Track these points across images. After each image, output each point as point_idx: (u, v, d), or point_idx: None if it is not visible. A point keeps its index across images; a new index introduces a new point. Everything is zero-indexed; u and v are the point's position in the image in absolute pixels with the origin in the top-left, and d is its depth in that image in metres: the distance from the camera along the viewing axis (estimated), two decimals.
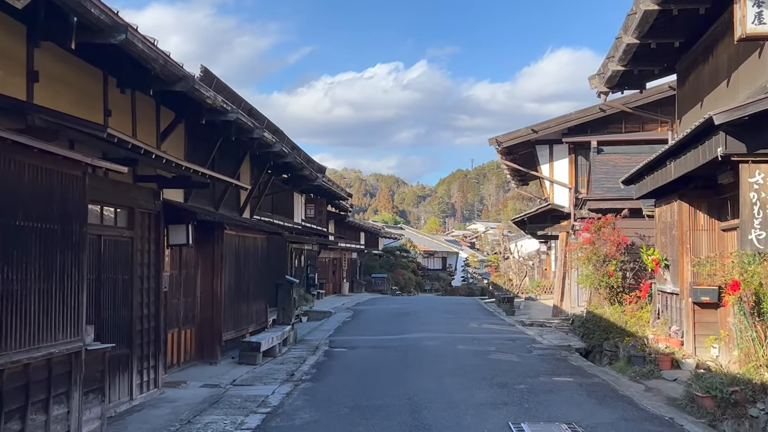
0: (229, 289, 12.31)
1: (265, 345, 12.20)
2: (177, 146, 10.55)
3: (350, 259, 41.66)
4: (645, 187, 11.36)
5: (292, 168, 13.70)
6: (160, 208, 9.45)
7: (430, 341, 14.88)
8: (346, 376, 10.79)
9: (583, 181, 21.36)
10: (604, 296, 13.46)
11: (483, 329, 17.87)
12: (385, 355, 13.06)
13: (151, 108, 9.50)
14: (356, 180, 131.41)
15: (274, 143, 11.18)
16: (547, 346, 14.20)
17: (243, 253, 13.23)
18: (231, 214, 13.25)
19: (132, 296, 8.64)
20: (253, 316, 13.77)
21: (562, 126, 21.11)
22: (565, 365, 11.62)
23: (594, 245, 13.52)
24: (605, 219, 13.60)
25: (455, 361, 12.03)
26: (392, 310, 25.63)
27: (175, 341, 10.90)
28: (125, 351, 8.47)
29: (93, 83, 7.86)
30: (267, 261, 14.72)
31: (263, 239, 14.57)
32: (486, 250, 76.35)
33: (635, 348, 10.93)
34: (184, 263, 11.20)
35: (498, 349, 13.48)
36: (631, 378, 10.32)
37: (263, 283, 14.52)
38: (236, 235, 12.80)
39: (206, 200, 12.26)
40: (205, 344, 11.80)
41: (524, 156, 23.52)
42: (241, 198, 14.16)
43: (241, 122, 9.34)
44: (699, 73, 11.06)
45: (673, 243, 11.12)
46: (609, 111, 20.60)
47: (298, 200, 25.14)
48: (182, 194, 11.05)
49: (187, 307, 11.36)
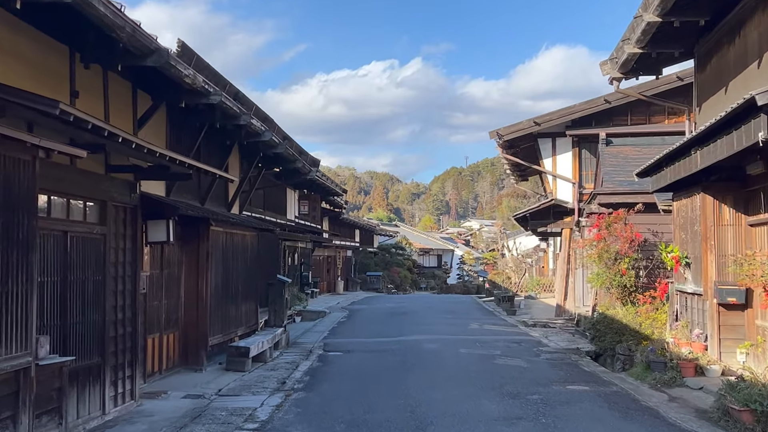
0: (215, 290, 11.45)
1: (255, 350, 11.34)
2: (157, 135, 9.68)
3: (345, 257, 40.81)
4: (663, 179, 10.53)
5: (283, 160, 12.81)
6: (137, 201, 8.57)
7: (431, 344, 14.05)
8: (341, 385, 9.94)
9: (588, 175, 20.60)
10: (616, 296, 12.64)
11: (485, 330, 17.04)
12: (383, 359, 12.21)
13: (127, 91, 8.62)
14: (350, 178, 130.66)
15: (263, 132, 10.31)
16: (555, 349, 13.37)
17: (231, 251, 12.36)
18: (218, 210, 12.38)
19: (104, 299, 7.76)
20: (242, 319, 12.91)
21: (566, 118, 20.32)
22: (577, 371, 10.79)
23: (605, 242, 12.70)
24: (617, 214, 12.77)
25: (459, 367, 11.19)
26: (389, 309, 24.78)
27: (156, 347, 10.02)
28: (96, 360, 7.60)
29: (57, 60, 6.98)
30: (257, 259, 13.86)
31: (253, 236, 13.70)
32: (481, 247, 75.77)
33: (654, 353, 10.11)
34: (166, 262, 10.32)
35: (503, 353, 12.65)
36: (652, 386, 9.50)
37: (253, 283, 13.65)
38: (223, 232, 11.93)
39: (191, 194, 11.39)
40: (190, 349, 10.93)
41: (525, 150, 22.72)
42: (229, 192, 13.28)
43: (225, 107, 8.48)
44: (723, 55, 10.23)
45: (695, 239, 10.30)
46: (614, 102, 19.81)
47: (291, 196, 24.28)
48: (164, 187, 10.19)
49: (169, 310, 10.49)
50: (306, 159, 13.77)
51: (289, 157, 12.46)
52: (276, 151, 11.47)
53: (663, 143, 15.37)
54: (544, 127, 20.34)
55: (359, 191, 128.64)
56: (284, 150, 11.54)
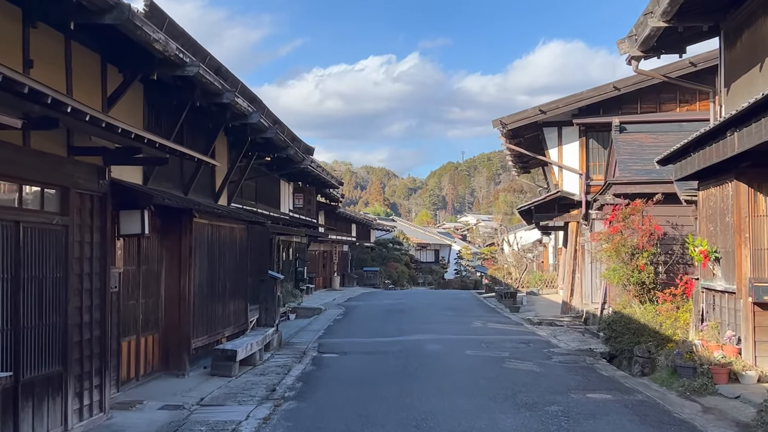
0: (200, 288, 10.50)
1: (243, 352, 10.39)
2: (133, 116, 8.70)
3: (341, 251, 39.87)
4: (690, 165, 9.59)
5: (274, 147, 11.84)
6: (107, 189, 7.60)
7: (433, 345, 13.11)
8: (337, 393, 8.99)
9: (595, 166, 19.69)
10: (634, 294, 11.72)
11: (489, 329, 16.12)
12: (382, 362, 11.27)
13: (95, 64, 7.63)
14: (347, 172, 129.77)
15: (251, 113, 9.33)
16: (567, 350, 12.46)
17: (218, 246, 11.40)
18: (204, 201, 11.42)
19: (67, 299, 6.80)
20: (230, 318, 11.95)
21: (573, 106, 19.38)
22: (595, 376, 9.87)
23: (621, 235, 11.76)
24: (634, 205, 11.84)
25: (466, 372, 10.26)
26: (387, 306, 23.86)
27: (132, 351, 9.07)
28: (57, 369, 6.65)
29: (6, 24, 6.01)
30: (247, 254, 12.89)
31: (242, 229, 12.73)
32: (478, 242, 75.11)
33: (681, 357, 9.20)
34: (144, 257, 9.36)
35: (512, 355, 11.72)
36: (681, 394, 8.59)
37: (242, 280, 12.70)
38: (209, 225, 10.97)
39: (172, 183, 10.42)
40: (171, 353, 9.98)
41: (530, 140, 21.79)
42: (216, 182, 12.31)
43: (205, 81, 7.51)
44: (757, 29, 9.28)
45: (726, 232, 9.37)
46: (624, 89, 18.90)
47: (285, 189, 23.32)
48: (141, 175, 9.22)
49: (148, 310, 9.53)
50: (299, 146, 12.79)
51: (279, 143, 11.47)
52: (265, 135, 10.49)
53: (680, 130, 14.45)
54: (549, 115, 19.40)
55: (355, 186, 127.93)
56: (274, 135, 10.55)
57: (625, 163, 13.07)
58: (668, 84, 19.08)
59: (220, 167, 12.41)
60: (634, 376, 10.33)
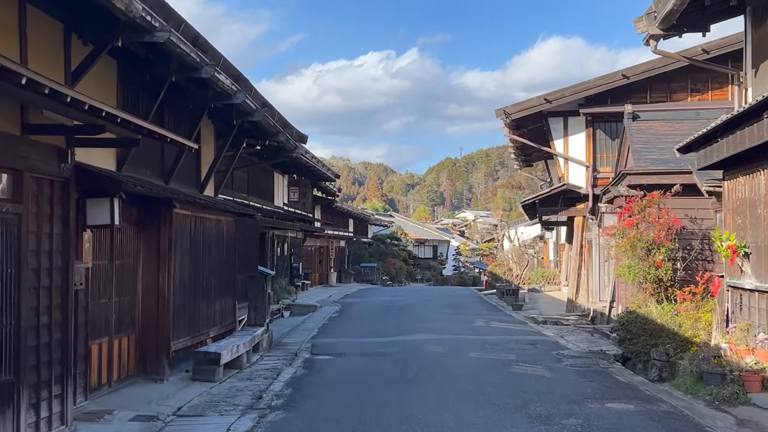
0: (181, 285, 9.66)
1: (227, 355, 9.55)
2: (104, 93, 7.84)
3: (338, 247, 39.02)
4: (717, 152, 8.76)
5: (263, 132, 10.97)
6: (70, 173, 6.76)
7: (434, 346, 12.28)
8: (330, 401, 8.16)
9: (602, 158, 18.90)
10: (650, 292, 10.90)
11: (492, 329, 15.29)
12: (379, 366, 10.44)
13: (57, 33, 6.77)
14: (345, 168, 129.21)
15: (235, 92, 8.47)
16: (577, 352, 11.64)
17: (202, 239, 10.56)
18: (187, 190, 10.56)
19: (20, 298, 5.96)
20: (215, 317, 11.12)
21: (579, 95, 18.57)
22: (612, 383, 9.04)
23: (637, 229, 10.93)
24: (651, 197, 11.01)
25: (470, 377, 9.42)
26: (384, 303, 23.04)
27: (104, 354, 8.23)
28: (7, 378, 5.81)
29: None
30: (235, 249, 12.05)
31: (230, 222, 11.89)
32: (476, 238, 74.51)
33: (708, 362, 8.38)
34: (118, 251, 8.52)
35: (519, 358, 10.90)
36: (709, 404, 7.76)
37: (230, 276, 11.86)
38: (192, 216, 10.12)
39: (151, 171, 9.58)
40: (149, 356, 9.14)
41: (534, 131, 20.97)
42: (201, 171, 11.46)
43: (180, 52, 6.66)
44: None
45: (758, 225, 8.55)
46: (633, 78, 18.09)
47: (279, 181, 22.46)
48: (113, 160, 8.37)
49: (122, 310, 8.69)
50: (291, 133, 11.92)
51: (269, 128, 10.59)
52: (252, 119, 9.62)
53: (697, 118, 13.65)
54: (555, 105, 18.58)
55: (353, 182, 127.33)
56: (262, 118, 9.68)
57: (640, 152, 12.23)
58: (679, 72, 18.32)
59: (206, 155, 11.57)
60: (652, 381, 9.51)
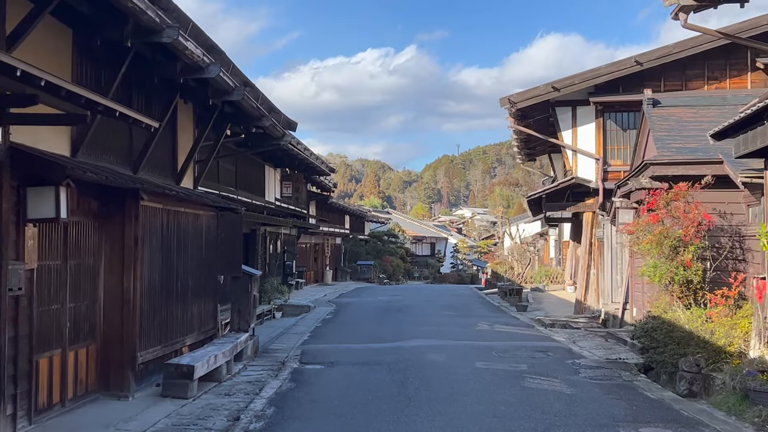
0: (151, 287, 8.51)
1: (203, 368, 8.40)
2: (56, 66, 6.70)
3: (334, 244, 37.87)
4: (762, 137, 7.64)
5: (246, 116, 9.80)
6: (4, 156, 5.63)
7: (436, 354, 11.14)
8: (317, 425, 7.02)
9: (613, 150, 17.77)
10: (678, 295, 9.79)
11: (498, 333, 14.16)
12: (376, 378, 9.30)
13: None
14: (342, 165, 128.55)
15: (207, 65, 7.31)
16: (595, 362, 10.52)
17: (177, 236, 9.42)
18: (160, 181, 9.41)
19: None
20: (193, 323, 9.97)
21: (589, 83, 17.43)
22: (641, 400, 7.92)
23: (663, 225, 9.82)
24: (678, 189, 9.89)
25: (479, 393, 8.28)
26: (381, 303, 21.91)
27: (55, 369, 7.09)
28: None
29: None
30: (217, 247, 10.91)
31: (211, 217, 10.74)
32: (473, 235, 73.67)
33: (754, 378, 7.26)
34: (73, 250, 7.38)
35: (532, 369, 9.77)
36: (759, 428, 6.67)
37: (211, 277, 10.72)
38: (164, 210, 8.97)
39: (117, 158, 8.42)
40: (112, 369, 7.99)
41: (539, 122, 19.83)
42: (178, 160, 10.30)
43: (132, 7, 5.50)
44: None
45: None
46: (646, 64, 16.95)
47: (271, 175, 21.31)
48: (67, 143, 7.21)
49: (79, 317, 7.55)
50: (278, 118, 10.72)
51: (251, 110, 9.39)
52: (231, 98, 8.43)
53: (724, 104, 12.54)
54: (563, 93, 17.42)
55: (350, 179, 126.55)
56: (242, 98, 8.47)
57: (663, 140, 11.11)
58: (695, 59, 17.20)
59: (184, 142, 10.42)
60: (681, 395, 8.41)
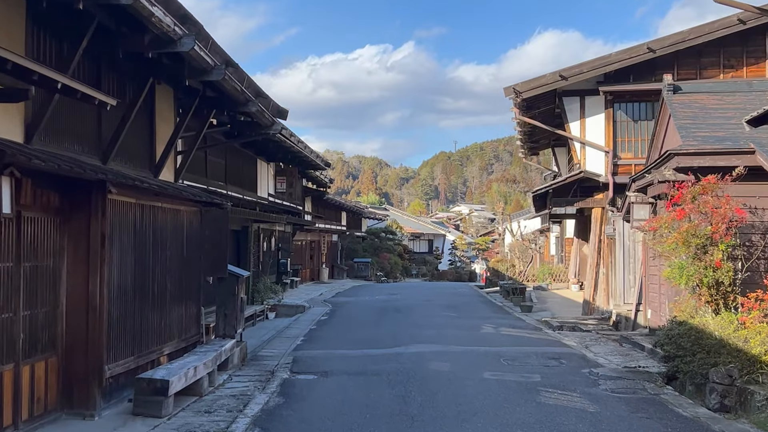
0: (122, 291, 7.58)
1: (180, 382, 7.47)
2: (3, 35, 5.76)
3: (330, 241, 36.95)
4: None
5: (231, 101, 8.83)
6: None
7: (439, 362, 10.23)
8: None
9: (624, 143, 16.89)
10: (707, 299, 8.90)
11: (504, 337, 13.26)
12: (374, 391, 8.37)
13: None
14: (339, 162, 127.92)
15: (180, 37, 6.35)
16: (613, 371, 9.61)
17: (153, 233, 8.48)
18: (135, 173, 8.47)
19: None
20: (172, 330, 9.04)
21: (598, 71, 16.55)
22: (674, 419, 7.01)
23: (690, 221, 8.91)
24: (707, 181, 8.98)
25: (491, 412, 7.34)
26: (379, 303, 21.01)
27: (6, 387, 6.16)
28: None
29: None
30: (200, 245, 9.98)
31: (194, 213, 9.81)
32: (471, 232, 72.94)
33: None
34: (28, 250, 6.44)
35: (546, 380, 8.86)
36: None
37: (193, 279, 9.80)
38: (138, 204, 8.03)
39: (82, 146, 7.48)
40: (76, 384, 7.06)
41: (544, 114, 18.93)
42: (156, 151, 9.35)
43: None
44: None
45: None
46: (659, 51, 16.07)
47: (264, 170, 20.38)
48: (20, 129, 6.28)
49: (36, 326, 6.61)
50: (266, 105, 9.72)
51: (235, 94, 8.39)
52: (210, 78, 7.44)
53: (750, 90, 11.63)
54: (571, 81, 16.52)
55: (347, 176, 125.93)
56: (222, 77, 7.46)
57: (688, 129, 10.19)
58: (711, 46, 16.30)
59: (163, 131, 9.47)
60: (712, 410, 7.54)
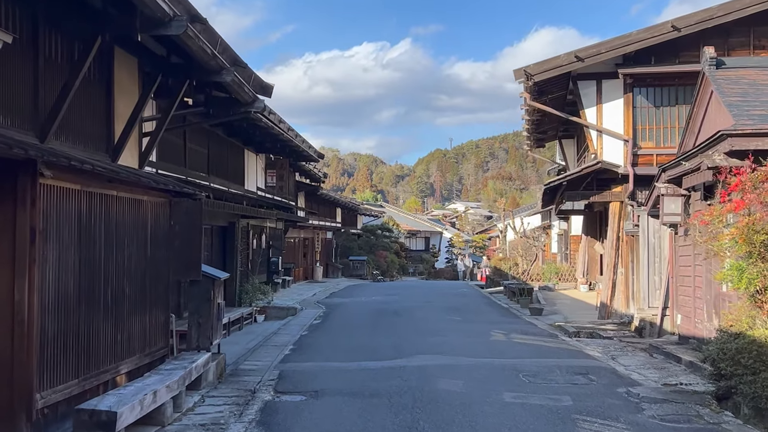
0: (61, 299, 6.09)
1: (133, 412, 5.99)
2: None
3: (324, 239, 35.45)
4: None
5: (199, 67, 7.30)
6: None
7: (449, 379, 8.74)
8: None
9: (645, 131, 15.46)
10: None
11: (518, 346, 11.81)
12: (373, 420, 6.88)
13: None
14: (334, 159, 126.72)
15: None
16: (655, 390, 8.17)
17: (107, 228, 6.99)
18: (86, 155, 6.97)
19: None
20: (132, 344, 7.55)
21: (617, 51, 15.10)
22: None
23: (750, 215, 7.48)
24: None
25: None
26: (376, 305, 19.55)
27: None
28: None
29: None
30: (169, 243, 8.49)
31: (160, 205, 8.31)
32: (467, 229, 71.76)
33: None
34: None
35: (579, 404, 7.40)
36: None
37: (159, 282, 8.31)
38: (84, 192, 6.54)
39: (15, 120, 6.00)
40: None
41: (556, 100, 17.52)
42: (114, 130, 7.85)
43: None
44: None
45: None
46: (684, 30, 14.65)
47: (252, 162, 18.85)
48: None
49: None
50: (246, 76, 8.16)
51: (204, 57, 6.77)
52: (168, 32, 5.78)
53: None
54: (587, 63, 15.07)
55: (343, 173, 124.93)
56: (183, 31, 5.88)
57: (740, 107, 8.74)
58: (740, 24, 14.87)
59: (123, 107, 7.96)
60: None
